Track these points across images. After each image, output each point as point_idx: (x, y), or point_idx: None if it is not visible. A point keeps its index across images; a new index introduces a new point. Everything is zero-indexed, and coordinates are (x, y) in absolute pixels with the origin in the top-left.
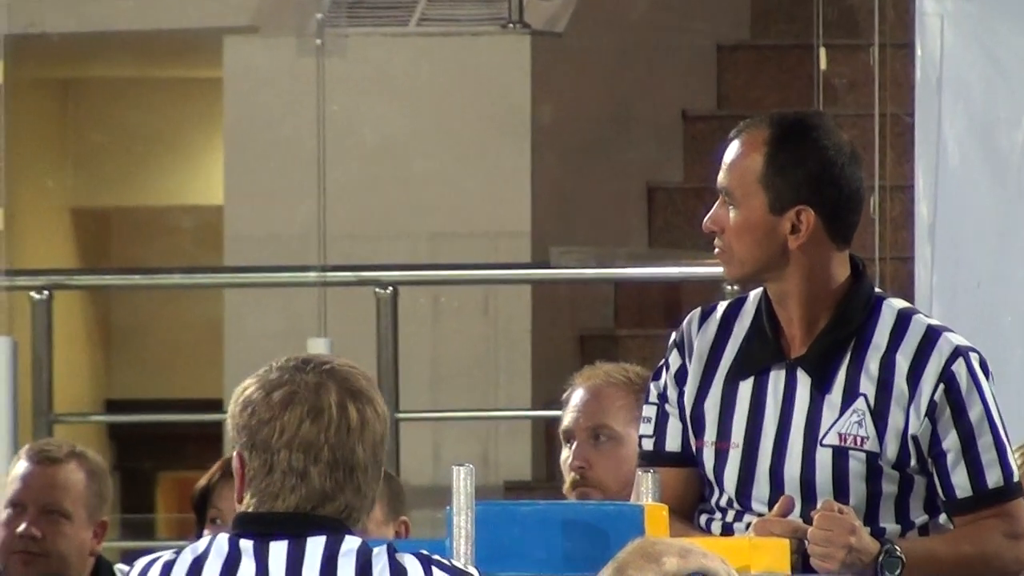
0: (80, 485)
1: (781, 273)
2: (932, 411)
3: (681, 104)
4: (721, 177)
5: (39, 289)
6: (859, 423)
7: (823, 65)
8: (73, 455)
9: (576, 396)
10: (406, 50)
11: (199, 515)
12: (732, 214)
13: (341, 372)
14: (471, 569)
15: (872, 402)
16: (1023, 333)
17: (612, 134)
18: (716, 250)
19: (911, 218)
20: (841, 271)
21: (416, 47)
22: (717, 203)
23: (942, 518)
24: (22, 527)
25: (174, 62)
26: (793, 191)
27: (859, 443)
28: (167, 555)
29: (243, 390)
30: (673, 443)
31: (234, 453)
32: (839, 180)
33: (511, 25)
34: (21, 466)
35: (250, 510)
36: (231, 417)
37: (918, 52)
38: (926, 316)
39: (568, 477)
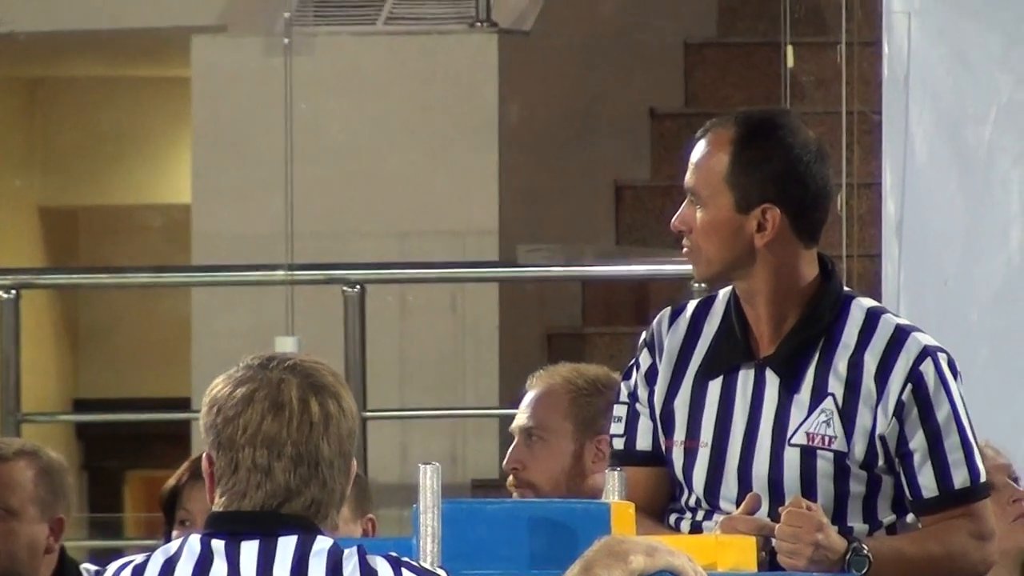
0: (28, 482)
1: (748, 272)
2: (900, 411)
3: (649, 102)
4: (688, 177)
5: (6, 288)
6: (827, 423)
7: (790, 63)
8: (23, 453)
9: (524, 397)
10: (374, 49)
11: (168, 516)
12: (699, 214)
13: (304, 368)
14: (439, 571)
15: (840, 402)
16: (990, 330)
17: (580, 132)
18: (684, 249)
19: (878, 215)
20: (809, 270)
21: (383, 46)
22: (684, 203)
23: (910, 518)
24: None
25: (142, 61)
26: (758, 190)
27: (827, 443)
28: (138, 558)
29: (210, 391)
30: (644, 442)
31: (204, 453)
32: (805, 178)
33: (478, 23)
34: None
35: (220, 510)
36: (202, 418)
37: (885, 49)
38: (895, 316)
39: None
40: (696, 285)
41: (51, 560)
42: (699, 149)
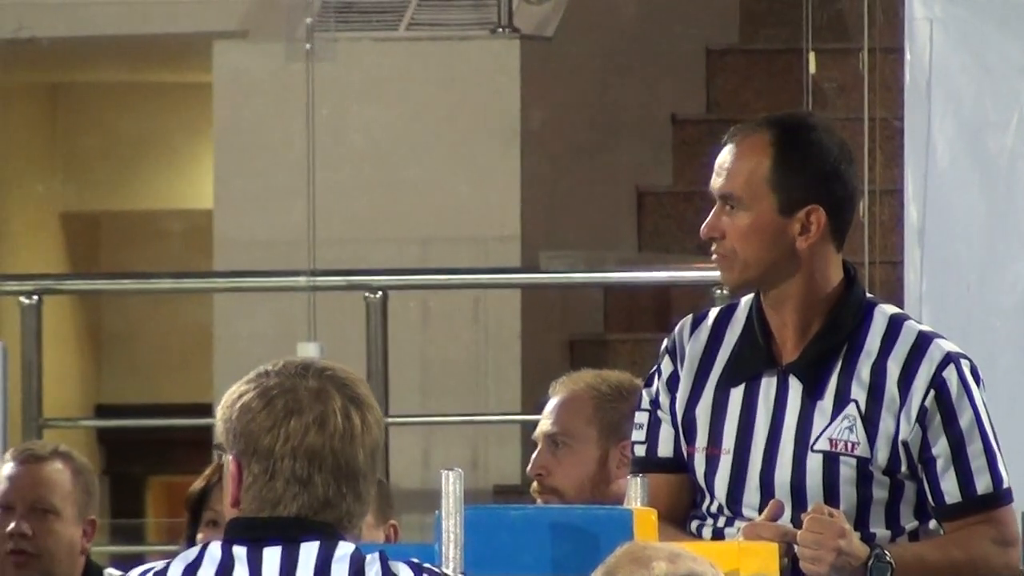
0: (67, 482)
1: (786, 276)
2: (923, 417)
3: (671, 108)
4: (721, 182)
5: (28, 294)
6: (850, 429)
7: (812, 69)
8: (57, 454)
9: (548, 404)
10: (395, 55)
11: (193, 517)
12: (738, 218)
13: (341, 378)
14: None
15: (863, 408)
16: (1012, 337)
17: (601, 138)
18: (715, 256)
19: (900, 222)
20: (836, 275)
21: (406, 52)
22: (715, 209)
23: (932, 524)
24: (11, 526)
25: (164, 67)
26: (803, 191)
27: (850, 449)
28: (158, 564)
29: (239, 395)
30: (665, 449)
31: (228, 458)
32: (845, 178)
33: (500, 29)
34: (7, 468)
35: (245, 515)
36: (224, 421)
37: (907, 56)
38: (917, 322)
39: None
40: (718, 292)
41: (80, 563)
42: (732, 154)
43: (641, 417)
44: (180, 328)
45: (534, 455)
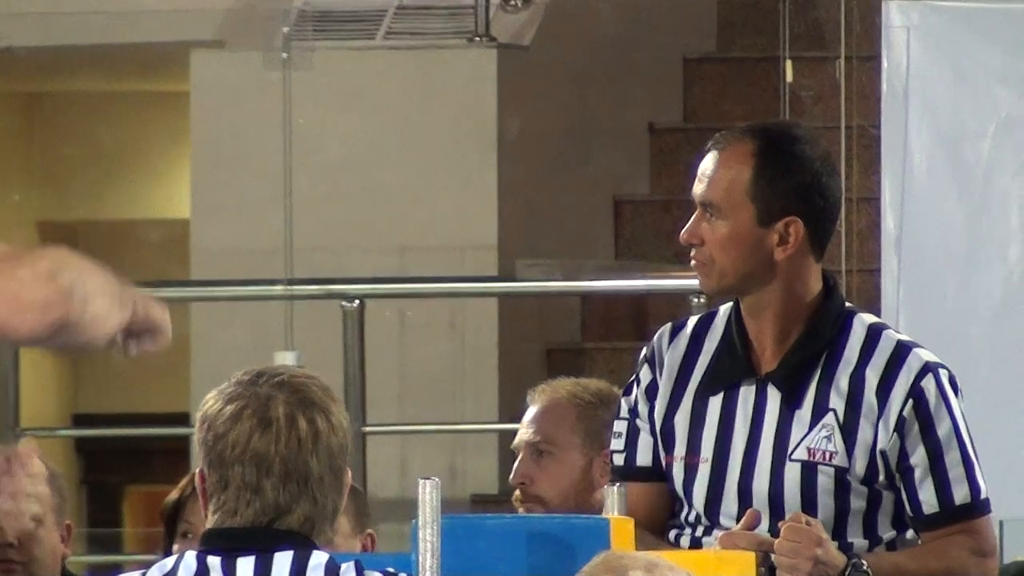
0: (45, 489)
1: (763, 285)
2: (901, 426)
3: (648, 117)
4: (702, 190)
5: None
6: (828, 438)
7: (789, 77)
8: None
9: (527, 412)
10: (373, 64)
11: (169, 529)
12: (717, 226)
13: (293, 383)
14: None
15: (841, 417)
16: (989, 346)
17: (579, 147)
18: (693, 262)
19: (877, 230)
20: (815, 285)
21: (383, 61)
22: (695, 215)
23: (909, 534)
24: None
25: (141, 76)
26: (782, 202)
27: (828, 458)
28: (134, 575)
29: (203, 405)
30: (644, 458)
31: (198, 469)
32: (825, 190)
33: (477, 39)
34: None
35: (214, 526)
36: (195, 433)
37: (884, 64)
38: (896, 332)
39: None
40: (696, 300)
41: (59, 569)
42: (714, 161)
43: (620, 426)
44: None
45: (516, 464)
